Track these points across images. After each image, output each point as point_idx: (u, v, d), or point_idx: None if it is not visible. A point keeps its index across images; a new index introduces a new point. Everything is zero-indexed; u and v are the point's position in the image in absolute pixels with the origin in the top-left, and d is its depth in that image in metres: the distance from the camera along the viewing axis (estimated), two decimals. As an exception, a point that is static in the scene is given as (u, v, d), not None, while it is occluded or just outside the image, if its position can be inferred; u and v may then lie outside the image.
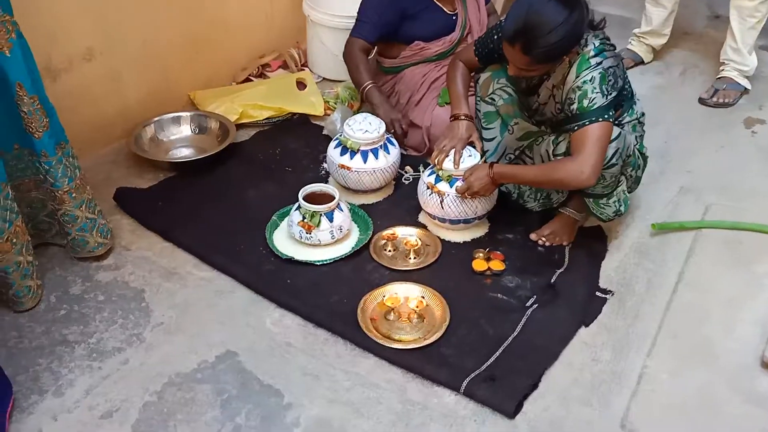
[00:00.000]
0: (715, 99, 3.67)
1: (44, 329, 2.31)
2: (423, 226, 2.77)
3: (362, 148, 2.80)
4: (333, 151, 2.86)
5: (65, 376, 2.16)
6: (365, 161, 2.80)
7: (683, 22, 4.24)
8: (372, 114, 2.93)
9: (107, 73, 3.06)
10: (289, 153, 3.20)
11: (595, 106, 2.30)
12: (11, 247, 2.25)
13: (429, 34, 3.16)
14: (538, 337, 2.31)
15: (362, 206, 2.86)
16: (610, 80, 2.32)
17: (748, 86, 3.71)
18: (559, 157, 2.48)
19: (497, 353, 2.24)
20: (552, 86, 2.46)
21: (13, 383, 2.09)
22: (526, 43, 2.25)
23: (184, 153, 3.19)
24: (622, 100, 2.48)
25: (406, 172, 3.06)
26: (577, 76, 2.33)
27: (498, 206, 2.73)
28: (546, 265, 2.61)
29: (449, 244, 2.69)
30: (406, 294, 2.44)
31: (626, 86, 2.49)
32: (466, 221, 2.68)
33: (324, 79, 3.81)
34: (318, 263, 2.57)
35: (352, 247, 2.64)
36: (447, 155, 2.61)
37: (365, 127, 2.81)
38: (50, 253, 2.60)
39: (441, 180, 2.62)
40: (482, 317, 2.38)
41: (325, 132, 3.31)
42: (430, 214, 2.73)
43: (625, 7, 4.54)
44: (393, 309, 2.38)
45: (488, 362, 2.20)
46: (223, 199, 2.88)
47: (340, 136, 2.86)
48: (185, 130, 3.26)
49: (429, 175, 2.68)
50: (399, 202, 2.92)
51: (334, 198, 2.61)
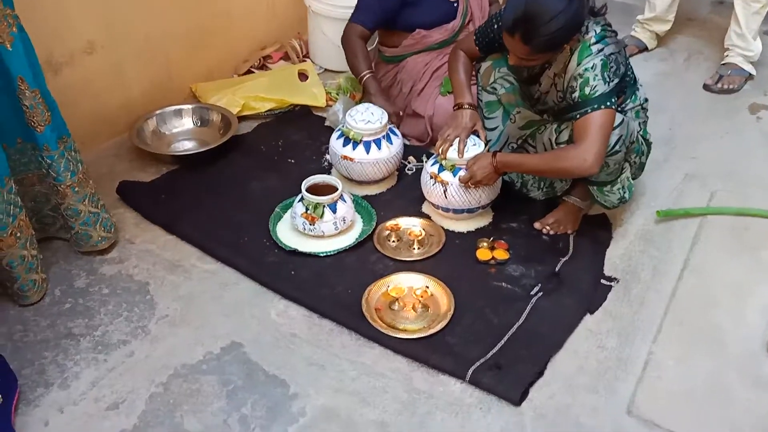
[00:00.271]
0: (719, 85, 3.66)
1: (49, 323, 2.31)
2: (426, 217, 2.77)
3: (365, 138, 2.79)
4: (335, 142, 2.85)
5: (71, 369, 2.16)
6: (368, 152, 2.79)
7: (687, 7, 4.22)
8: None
9: (109, 66, 3.06)
10: (291, 144, 3.19)
11: (597, 94, 2.29)
12: (15, 241, 2.25)
13: (430, 21, 3.15)
14: (543, 325, 2.31)
15: (365, 197, 2.85)
16: (611, 67, 2.30)
17: (753, 72, 3.69)
18: (562, 146, 2.47)
19: (502, 342, 2.24)
20: (553, 75, 2.45)
21: (19, 376, 2.09)
22: (525, 32, 2.24)
23: (187, 146, 3.18)
24: (624, 87, 2.47)
25: (409, 163, 3.05)
26: (578, 64, 2.32)
27: (501, 195, 2.72)
28: (550, 253, 2.60)
29: (453, 233, 2.69)
30: (410, 284, 2.44)
31: (628, 72, 2.48)
32: (470, 211, 2.67)
33: (326, 70, 3.80)
34: (322, 254, 2.56)
35: (356, 239, 2.63)
36: (451, 144, 2.60)
37: (367, 118, 2.81)
38: (54, 246, 2.60)
39: (444, 170, 2.62)
40: (487, 306, 2.38)
41: (327, 123, 3.30)
42: (433, 204, 2.72)
43: (628, -7, 4.53)
44: (397, 299, 2.37)
45: (493, 351, 2.20)
46: (226, 192, 2.88)
47: (343, 126, 2.85)
48: (187, 122, 3.26)
49: (432, 165, 2.67)
50: (402, 193, 2.92)
51: (337, 189, 2.60)
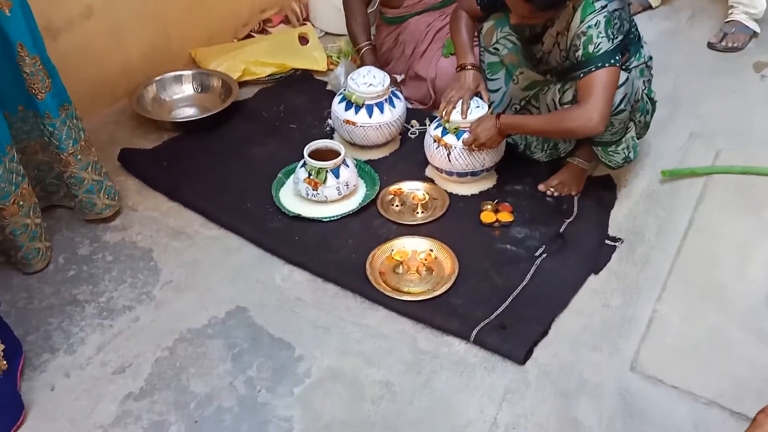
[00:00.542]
0: (724, 43, 3.61)
1: (54, 290, 2.32)
2: (430, 180, 2.76)
3: (367, 102, 2.77)
4: (337, 107, 2.83)
5: (76, 335, 2.18)
6: (370, 116, 2.78)
7: (691, -34, 4.16)
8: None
9: (107, 31, 3.04)
10: (293, 109, 3.18)
11: (601, 51, 2.27)
12: (18, 209, 2.25)
13: (431, -20, 3.12)
14: (547, 285, 2.31)
15: (368, 162, 2.84)
16: (615, 23, 2.27)
17: (758, 29, 3.65)
18: (565, 106, 2.45)
19: (507, 302, 2.24)
20: (556, 33, 2.42)
21: (24, 343, 2.11)
22: None
23: (188, 112, 3.17)
24: (628, 44, 2.44)
25: (412, 126, 3.03)
26: (581, 22, 2.29)
27: (505, 158, 2.70)
28: (555, 215, 2.59)
29: (457, 197, 2.68)
30: (414, 247, 2.43)
31: (632, 29, 2.45)
32: (474, 174, 2.66)
33: (326, 33, 3.76)
34: (325, 219, 2.56)
35: (359, 203, 2.63)
36: (454, 106, 2.58)
37: (369, 81, 2.79)
38: (58, 214, 2.60)
39: (448, 133, 2.60)
40: (491, 268, 2.37)
41: (328, 87, 3.29)
42: (437, 168, 2.71)
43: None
44: (401, 262, 2.37)
45: (498, 311, 2.21)
46: (228, 158, 2.87)
47: (345, 90, 2.84)
48: (187, 89, 3.24)
49: (435, 129, 2.65)
50: (405, 157, 2.90)
51: (340, 154, 2.59)
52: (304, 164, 2.59)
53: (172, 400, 2.00)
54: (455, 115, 2.57)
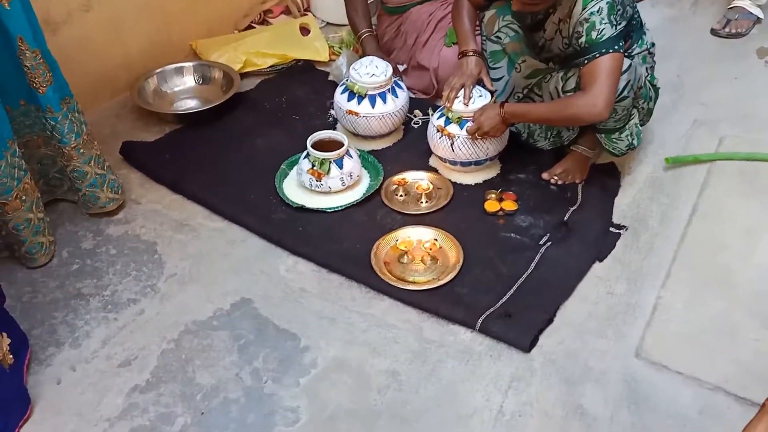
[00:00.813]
0: (727, 30, 3.60)
1: (58, 284, 2.32)
2: (434, 170, 2.75)
3: (370, 92, 2.77)
4: (340, 97, 2.83)
5: (81, 328, 2.18)
6: (373, 106, 2.77)
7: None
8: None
9: (107, 23, 3.03)
10: (295, 100, 3.17)
11: (604, 38, 2.25)
12: (21, 204, 2.25)
13: (433, -32, 3.10)
14: (552, 273, 2.31)
15: (372, 152, 2.83)
16: (618, 9, 2.26)
17: (761, 15, 3.63)
18: (569, 94, 2.44)
19: (512, 291, 2.24)
20: (558, 20, 2.40)
21: (30, 337, 2.11)
22: None
23: (189, 104, 3.16)
24: (631, 31, 2.43)
25: (415, 116, 3.02)
26: (583, 8, 2.28)
27: (509, 147, 2.70)
28: (559, 203, 2.59)
29: (461, 186, 2.67)
30: (418, 237, 2.43)
31: (635, 16, 2.44)
32: (478, 163, 2.65)
33: (328, 23, 3.75)
34: (329, 210, 2.56)
35: (363, 194, 2.62)
36: (457, 94, 2.57)
37: (372, 71, 2.78)
38: (60, 208, 2.60)
39: (451, 122, 2.59)
40: (496, 257, 2.37)
41: (330, 78, 3.28)
42: (440, 158, 2.71)
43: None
44: (406, 252, 2.37)
45: (503, 299, 2.21)
46: (231, 150, 2.87)
47: (347, 81, 2.83)
48: (189, 81, 3.23)
49: (438, 118, 2.64)
50: (409, 147, 2.90)
51: (343, 144, 2.58)
52: (308, 155, 2.58)
53: (178, 392, 2.00)
54: (458, 105, 2.56)
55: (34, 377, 2.03)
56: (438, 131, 2.62)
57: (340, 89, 2.85)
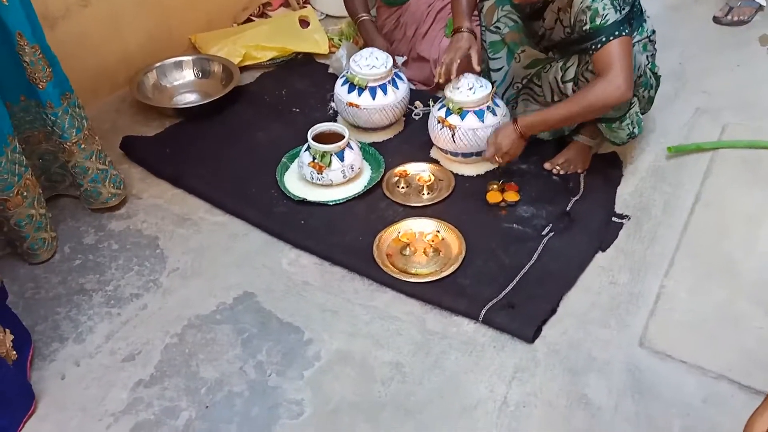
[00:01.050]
0: (729, 17, 3.58)
1: (60, 279, 2.33)
2: (435, 161, 2.74)
3: (370, 84, 2.76)
4: (340, 89, 2.82)
5: (85, 324, 2.18)
6: (374, 98, 2.76)
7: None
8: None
9: (105, 18, 3.02)
10: (295, 93, 3.16)
11: (609, 22, 2.23)
12: (22, 200, 2.24)
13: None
14: (555, 264, 2.30)
15: (373, 144, 2.82)
16: None
17: (764, 2, 3.60)
18: (568, 84, 2.43)
19: (515, 281, 2.24)
20: (557, 9, 2.39)
21: (33, 333, 2.11)
22: None
23: (189, 98, 3.15)
24: (631, 18, 2.41)
25: (415, 108, 3.02)
26: None
27: (511, 137, 2.69)
28: (561, 193, 2.58)
29: (462, 177, 2.67)
30: (421, 229, 2.43)
31: (636, 2, 2.42)
32: (479, 154, 2.64)
33: (327, 15, 3.73)
34: (331, 203, 2.55)
35: (365, 186, 2.62)
36: (449, 71, 2.52)
37: (372, 63, 2.77)
38: (62, 204, 2.60)
39: (452, 113, 2.58)
40: (498, 248, 2.37)
41: (330, 70, 3.27)
42: (441, 149, 2.70)
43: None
44: (408, 244, 2.37)
45: (506, 290, 2.21)
46: (232, 144, 2.86)
47: (347, 73, 2.82)
48: (188, 75, 3.22)
49: (439, 109, 2.64)
50: (410, 139, 2.89)
51: (344, 137, 2.58)
52: (308, 148, 2.58)
53: (182, 386, 2.00)
54: (459, 95, 2.56)
55: (38, 373, 2.03)
56: (439, 122, 2.62)
57: (340, 81, 2.84)
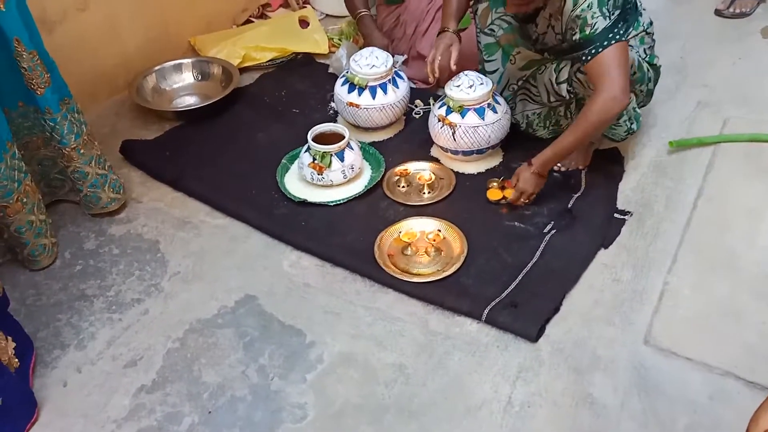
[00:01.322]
0: (731, 9, 3.56)
1: (61, 285, 2.32)
2: (436, 160, 2.74)
3: (370, 83, 2.75)
4: (340, 89, 2.81)
5: (86, 330, 2.17)
6: (374, 97, 2.75)
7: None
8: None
9: (103, 22, 3.02)
10: (295, 94, 3.16)
11: (598, 31, 2.22)
12: (22, 207, 2.23)
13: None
14: (557, 261, 2.29)
15: (373, 143, 2.82)
16: (609, 1, 2.22)
17: (766, -7, 3.60)
18: (562, 85, 2.44)
19: (517, 280, 2.23)
20: (549, 15, 2.38)
21: (35, 339, 2.11)
22: None
23: (189, 101, 3.15)
24: (626, 15, 2.40)
25: (416, 106, 3.01)
26: (574, 5, 2.24)
27: (510, 135, 2.69)
28: (562, 190, 2.57)
29: (463, 176, 2.66)
30: (422, 228, 2.42)
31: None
32: (480, 152, 2.63)
33: (327, 15, 3.74)
34: (332, 204, 2.55)
35: (365, 186, 2.61)
36: (433, 69, 2.57)
37: (372, 62, 2.76)
38: (62, 209, 2.59)
39: (452, 111, 2.57)
40: (500, 246, 2.36)
41: (330, 70, 3.26)
42: (442, 147, 2.69)
43: None
44: (410, 244, 2.36)
45: (509, 289, 2.20)
46: (232, 146, 2.86)
47: (347, 73, 2.81)
48: (188, 77, 3.22)
49: (440, 108, 2.63)
50: (410, 137, 2.88)
51: (344, 137, 2.57)
52: (309, 149, 2.57)
53: (184, 391, 1.99)
54: (459, 93, 2.55)
55: (40, 380, 2.02)
56: (439, 121, 2.61)
57: (340, 81, 2.83)
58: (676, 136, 2.77)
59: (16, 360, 1.94)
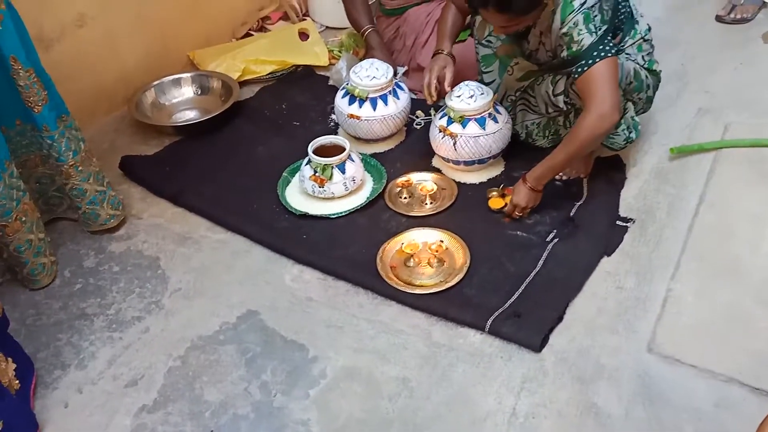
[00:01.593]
0: (732, 15, 3.55)
1: (61, 304, 2.31)
2: (438, 171, 2.73)
3: (371, 95, 2.74)
4: (341, 101, 2.80)
5: (87, 349, 2.16)
6: (375, 109, 2.75)
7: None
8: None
9: (102, 38, 3.02)
10: (295, 107, 3.15)
11: (585, 47, 2.21)
12: (21, 225, 2.23)
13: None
14: (560, 270, 2.28)
15: (374, 155, 2.81)
16: (595, 17, 2.22)
17: (767, -1, 3.59)
18: (559, 97, 2.44)
19: (520, 290, 2.22)
20: (540, 33, 2.39)
21: (35, 360, 2.09)
22: (498, 3, 2.18)
23: (188, 116, 3.14)
24: (620, 24, 2.40)
25: (417, 117, 3.00)
26: (562, 23, 2.24)
27: (512, 145, 2.68)
28: (564, 198, 2.56)
29: (465, 186, 2.65)
30: (424, 239, 2.41)
31: (622, 10, 2.41)
32: (481, 161, 2.63)
33: (327, 27, 3.74)
34: (333, 216, 2.54)
35: (367, 198, 2.60)
36: (430, 90, 2.61)
37: (372, 74, 2.75)
38: (61, 227, 2.58)
39: (453, 122, 2.57)
40: (503, 255, 2.35)
41: (331, 82, 3.26)
42: (443, 158, 2.68)
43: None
44: (412, 255, 2.34)
45: (512, 299, 2.18)
46: (232, 160, 2.85)
47: (347, 84, 2.81)
48: (187, 92, 3.22)
49: (441, 118, 2.62)
50: (412, 148, 2.87)
51: (345, 149, 2.56)
52: (309, 161, 2.56)
53: (186, 410, 1.98)
54: (460, 104, 2.55)
55: (41, 401, 2.01)
56: (440, 131, 2.60)
57: (340, 93, 2.83)
58: (677, 142, 2.75)
59: (17, 381, 1.92)
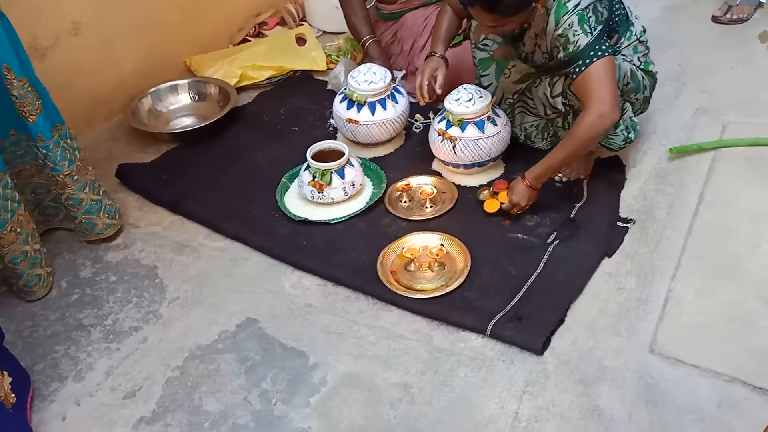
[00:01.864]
0: (728, 16, 3.54)
1: (58, 316, 2.29)
2: (437, 174, 2.72)
3: (369, 99, 2.73)
4: (339, 106, 2.79)
5: (84, 361, 2.14)
6: (373, 113, 2.74)
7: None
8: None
9: (97, 45, 3.01)
10: (294, 112, 3.14)
11: (581, 47, 2.20)
12: (16, 237, 2.21)
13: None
14: (561, 272, 2.27)
15: (373, 159, 2.80)
16: (590, 17, 2.21)
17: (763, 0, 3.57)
18: (557, 98, 2.43)
19: (521, 292, 2.20)
20: (535, 35, 2.38)
21: (32, 372, 2.08)
22: (484, 2, 2.16)
23: (186, 122, 3.13)
24: (615, 26, 2.39)
25: (416, 121, 2.99)
26: (556, 24, 2.23)
27: (511, 147, 2.68)
28: (564, 200, 2.55)
29: (465, 189, 2.64)
30: (424, 243, 2.40)
31: (616, 11, 2.39)
32: (481, 164, 2.62)
33: (324, 32, 3.73)
34: (333, 221, 2.52)
35: (367, 202, 2.59)
36: (423, 94, 2.61)
37: (370, 78, 2.74)
38: (57, 237, 2.57)
39: (452, 125, 2.56)
40: (504, 258, 2.34)
41: (329, 87, 3.25)
42: (443, 161, 2.68)
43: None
44: (413, 259, 2.33)
45: (513, 302, 2.17)
46: (230, 166, 2.84)
47: (345, 89, 2.80)
48: (184, 98, 3.21)
49: (440, 122, 2.61)
50: (411, 152, 2.86)
51: (344, 154, 2.55)
52: (308, 167, 2.55)
53: (185, 421, 1.96)
54: (459, 107, 2.54)
55: (39, 415, 1.99)
56: (439, 135, 2.59)
57: (339, 98, 2.82)
58: (676, 143, 2.75)
59: (13, 395, 1.90)
